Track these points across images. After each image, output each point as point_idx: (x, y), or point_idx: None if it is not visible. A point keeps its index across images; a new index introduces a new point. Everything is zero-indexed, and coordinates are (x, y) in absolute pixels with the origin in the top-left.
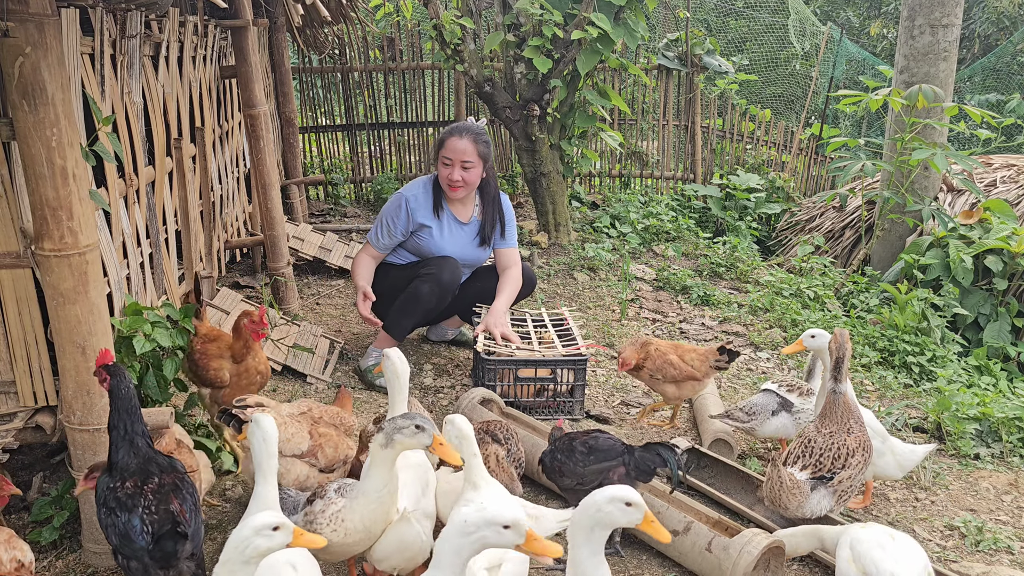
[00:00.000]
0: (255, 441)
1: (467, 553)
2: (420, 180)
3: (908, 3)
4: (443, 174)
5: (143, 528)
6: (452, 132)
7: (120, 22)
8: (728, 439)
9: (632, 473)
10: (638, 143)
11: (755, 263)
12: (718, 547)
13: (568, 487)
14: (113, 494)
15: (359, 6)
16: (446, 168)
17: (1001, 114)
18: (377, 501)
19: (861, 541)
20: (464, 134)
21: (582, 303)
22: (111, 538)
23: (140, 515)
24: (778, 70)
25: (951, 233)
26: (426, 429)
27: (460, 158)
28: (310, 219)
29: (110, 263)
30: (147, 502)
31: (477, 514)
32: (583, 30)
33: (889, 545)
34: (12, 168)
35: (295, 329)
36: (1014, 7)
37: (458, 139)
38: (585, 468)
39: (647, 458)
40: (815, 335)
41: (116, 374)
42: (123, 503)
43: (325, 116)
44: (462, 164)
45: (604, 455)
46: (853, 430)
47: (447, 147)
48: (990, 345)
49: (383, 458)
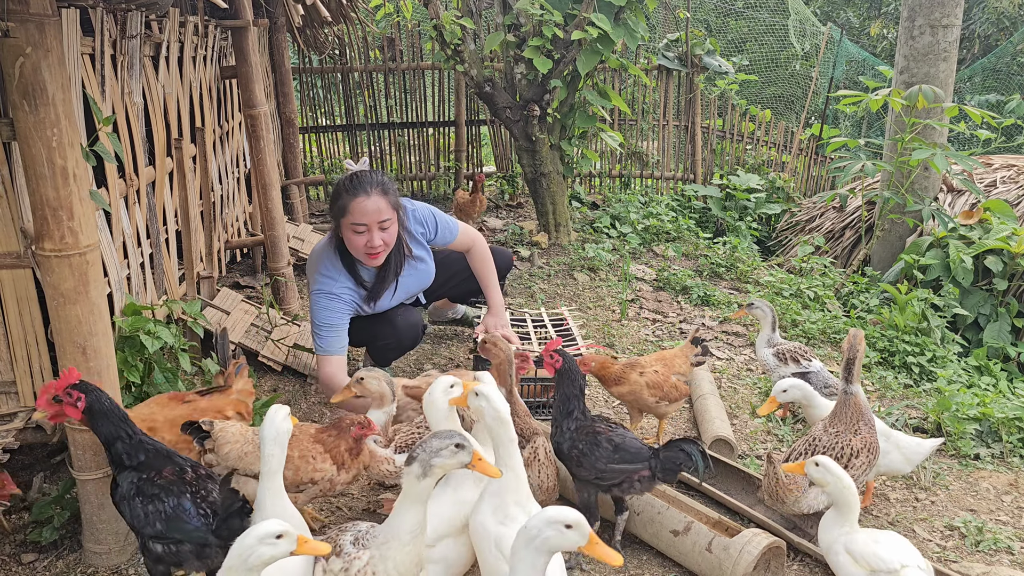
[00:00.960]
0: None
1: (540, 562)
2: (325, 267)
3: (908, 3)
4: (358, 244)
5: (197, 510)
6: (353, 192)
7: (120, 22)
8: (729, 439)
9: (658, 475)
10: (638, 143)
11: (755, 263)
12: (718, 547)
13: (584, 479)
14: (151, 483)
15: (359, 6)
16: (360, 236)
17: (1001, 114)
18: (412, 543)
19: (855, 542)
20: (371, 190)
21: (582, 303)
22: (153, 525)
23: (191, 499)
24: (778, 70)
25: (951, 233)
26: (466, 446)
27: (376, 219)
28: (310, 219)
29: (111, 263)
30: (195, 487)
31: (535, 517)
32: (583, 30)
33: (882, 539)
34: (13, 168)
35: (295, 329)
36: (1014, 7)
37: (365, 198)
38: (607, 465)
39: (671, 457)
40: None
41: (89, 390)
42: (168, 489)
43: (325, 116)
44: (379, 226)
45: (632, 457)
46: (860, 431)
47: (353, 212)
48: (990, 345)
49: (420, 491)
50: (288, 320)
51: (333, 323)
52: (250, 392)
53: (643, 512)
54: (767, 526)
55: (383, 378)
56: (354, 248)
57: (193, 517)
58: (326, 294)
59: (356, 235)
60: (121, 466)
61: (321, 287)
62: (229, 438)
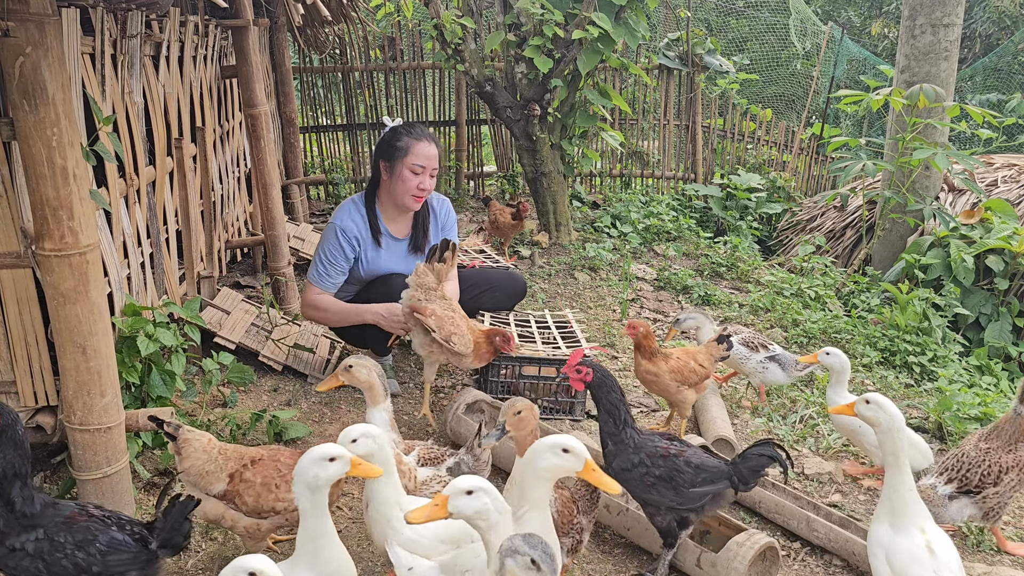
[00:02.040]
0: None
1: (545, 480)
2: (348, 205)
3: (909, 3)
4: (411, 184)
5: (131, 537)
6: (417, 136)
7: (121, 22)
8: (730, 439)
9: (739, 487)
10: (639, 143)
11: (756, 263)
12: (707, 563)
13: (660, 504)
14: (69, 530)
15: (360, 6)
16: (415, 177)
17: (1002, 113)
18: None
19: (897, 555)
20: (430, 139)
21: (583, 303)
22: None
23: (118, 529)
24: (779, 70)
25: (952, 233)
26: (543, 569)
27: (432, 165)
28: (311, 219)
29: (111, 263)
30: (111, 518)
31: (539, 442)
32: (584, 30)
33: (927, 561)
34: (13, 168)
35: (296, 329)
36: (1015, 6)
37: (428, 144)
38: (690, 490)
39: (753, 467)
40: (830, 353)
41: (3, 413)
42: (89, 529)
43: (326, 116)
44: (431, 172)
45: (713, 476)
46: (1018, 451)
47: (417, 154)
48: (991, 345)
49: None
50: (288, 320)
51: (334, 262)
52: None
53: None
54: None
55: (374, 368)
56: (405, 187)
57: (131, 544)
58: (341, 228)
59: (413, 175)
60: (17, 524)
61: (337, 221)
62: (192, 451)
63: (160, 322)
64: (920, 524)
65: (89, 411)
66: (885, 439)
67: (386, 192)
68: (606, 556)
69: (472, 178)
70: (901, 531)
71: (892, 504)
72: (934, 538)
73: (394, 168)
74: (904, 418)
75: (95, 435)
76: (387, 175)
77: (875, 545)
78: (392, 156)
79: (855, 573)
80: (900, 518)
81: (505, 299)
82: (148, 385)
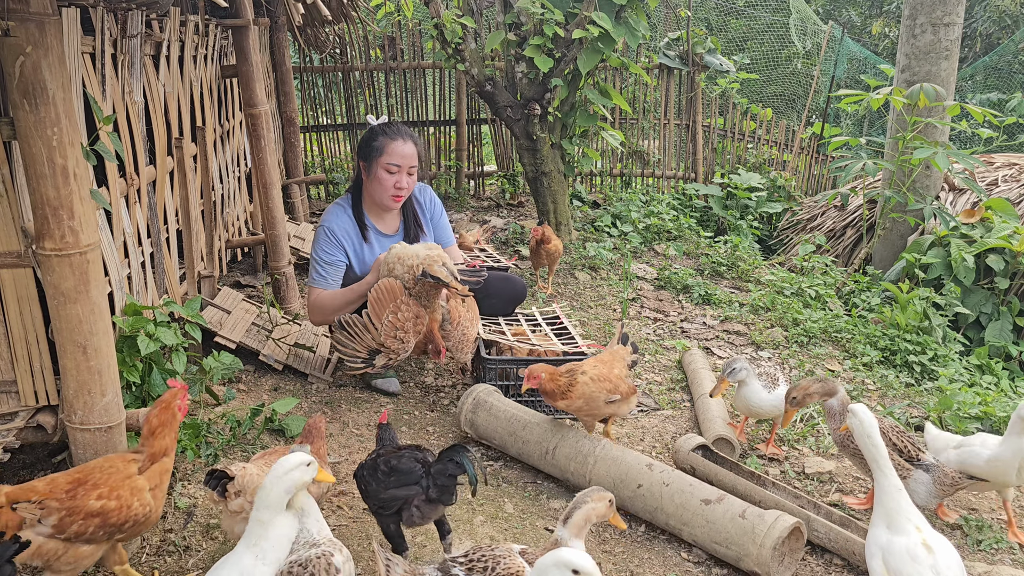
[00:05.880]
0: None
1: None
2: (334, 207)
3: (910, 2)
4: (388, 183)
5: None
6: (392, 136)
7: (121, 21)
8: (730, 438)
9: (432, 496)
10: (639, 142)
11: (756, 262)
12: (753, 514)
13: (373, 511)
14: None
15: (360, 5)
16: (391, 176)
17: (1003, 113)
18: None
19: (894, 554)
20: (406, 137)
21: (583, 302)
22: None
23: None
24: (779, 69)
25: (953, 232)
26: None
27: (408, 164)
28: (311, 218)
29: (111, 262)
30: None
31: (546, 556)
32: (584, 29)
33: (924, 558)
34: (13, 167)
35: (296, 328)
36: (1016, 5)
37: (403, 143)
38: (385, 492)
39: (442, 470)
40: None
41: None
42: None
43: (326, 115)
44: (408, 170)
45: (404, 478)
46: None
47: (391, 153)
48: (992, 344)
49: None
50: (289, 319)
51: (329, 261)
52: None
53: (672, 483)
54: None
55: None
56: (382, 187)
57: None
58: (331, 228)
59: (388, 175)
60: None
61: (326, 222)
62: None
63: (161, 321)
64: (915, 522)
65: (90, 410)
66: (862, 445)
67: (367, 191)
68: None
69: (472, 177)
70: (898, 531)
71: (885, 507)
72: (930, 537)
73: (371, 168)
74: (877, 423)
75: (96, 434)
76: (366, 175)
77: (873, 545)
78: (369, 156)
79: (855, 572)
80: (894, 518)
81: (503, 305)
82: (149, 384)
